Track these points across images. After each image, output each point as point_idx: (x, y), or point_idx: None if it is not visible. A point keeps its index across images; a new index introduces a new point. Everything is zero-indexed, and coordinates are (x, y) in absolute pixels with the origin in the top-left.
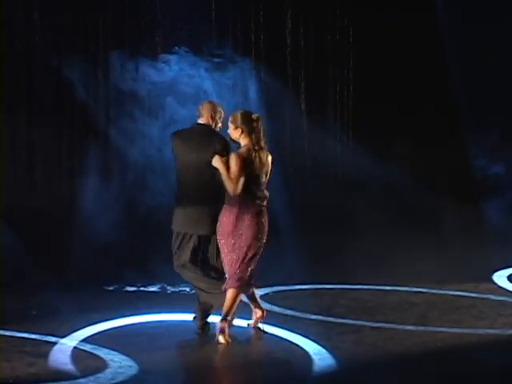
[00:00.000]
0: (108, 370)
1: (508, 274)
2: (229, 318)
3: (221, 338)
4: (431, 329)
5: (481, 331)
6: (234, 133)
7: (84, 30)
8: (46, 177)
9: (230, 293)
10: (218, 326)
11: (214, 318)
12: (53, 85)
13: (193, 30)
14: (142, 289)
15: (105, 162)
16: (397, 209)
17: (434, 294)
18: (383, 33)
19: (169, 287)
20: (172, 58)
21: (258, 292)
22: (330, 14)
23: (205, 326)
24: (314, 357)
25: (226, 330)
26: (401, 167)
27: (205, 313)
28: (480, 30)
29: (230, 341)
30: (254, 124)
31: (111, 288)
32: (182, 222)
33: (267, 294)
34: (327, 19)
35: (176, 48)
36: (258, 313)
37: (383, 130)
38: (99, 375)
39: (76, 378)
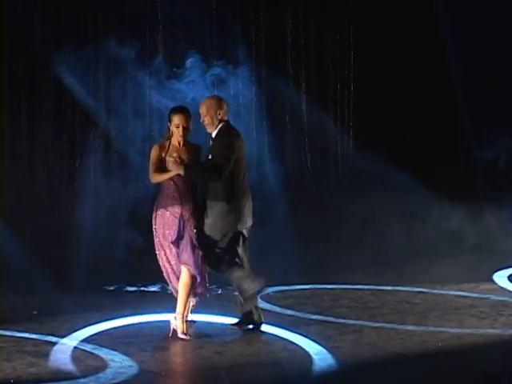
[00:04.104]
0: (108, 370)
1: (508, 274)
2: None
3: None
4: (432, 329)
5: (481, 331)
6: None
7: (85, 26)
8: (46, 177)
9: None
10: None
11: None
12: (54, 85)
13: (193, 30)
14: (142, 289)
15: (106, 161)
16: (397, 207)
17: (434, 294)
18: (384, 33)
19: (169, 287)
20: (172, 57)
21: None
22: (330, 15)
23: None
24: (314, 357)
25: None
26: (402, 166)
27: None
28: (479, 28)
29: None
30: None
31: (111, 288)
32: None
33: (268, 293)
34: (328, 19)
35: (176, 47)
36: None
37: (384, 130)
38: (100, 375)
39: (76, 377)
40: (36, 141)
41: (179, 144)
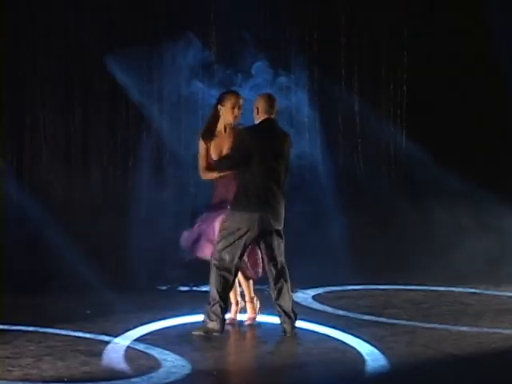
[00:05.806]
0: (161, 370)
1: None
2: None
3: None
4: (485, 330)
5: None
6: None
7: (137, 26)
8: (100, 176)
9: None
10: None
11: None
12: (108, 85)
13: (247, 31)
14: (194, 288)
15: (160, 160)
16: (450, 209)
17: (488, 295)
18: (437, 33)
19: None
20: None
21: (310, 292)
22: (382, 14)
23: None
24: (366, 357)
25: None
26: (456, 168)
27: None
28: None
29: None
30: None
31: (164, 288)
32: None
33: (319, 294)
34: (380, 19)
35: (236, 50)
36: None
37: (439, 131)
38: (152, 374)
39: (129, 377)
40: (90, 140)
41: (225, 129)
